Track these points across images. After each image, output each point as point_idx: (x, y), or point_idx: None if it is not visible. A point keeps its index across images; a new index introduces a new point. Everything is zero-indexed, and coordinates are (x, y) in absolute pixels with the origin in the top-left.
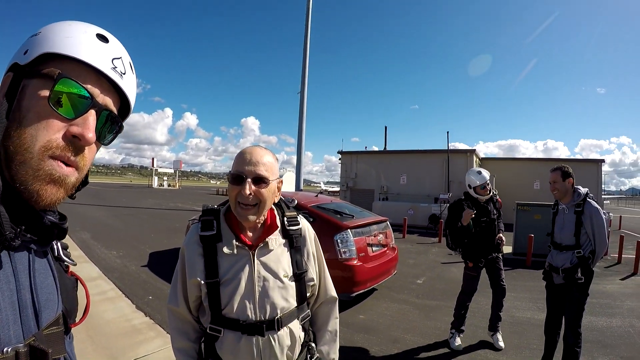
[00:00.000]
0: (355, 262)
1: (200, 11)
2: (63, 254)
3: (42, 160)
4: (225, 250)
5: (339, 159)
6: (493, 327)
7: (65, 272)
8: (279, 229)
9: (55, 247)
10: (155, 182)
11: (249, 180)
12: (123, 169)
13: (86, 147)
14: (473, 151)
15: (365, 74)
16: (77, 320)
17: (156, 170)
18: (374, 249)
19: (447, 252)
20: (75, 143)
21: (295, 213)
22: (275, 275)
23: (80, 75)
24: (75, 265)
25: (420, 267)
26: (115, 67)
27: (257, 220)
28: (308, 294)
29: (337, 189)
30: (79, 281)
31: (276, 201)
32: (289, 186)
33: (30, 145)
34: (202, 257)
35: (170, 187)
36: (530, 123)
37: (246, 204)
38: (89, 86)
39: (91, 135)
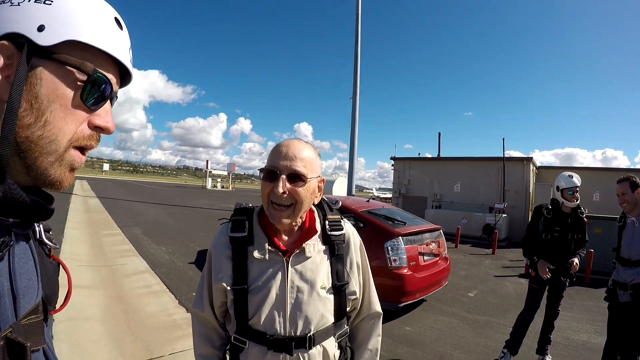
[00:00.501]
0: (405, 271)
1: (253, 18)
2: (45, 236)
3: (68, 150)
4: (256, 254)
5: (392, 165)
6: (541, 351)
7: (47, 255)
8: (318, 233)
9: (37, 229)
10: (209, 184)
11: (284, 176)
12: (178, 170)
13: None
14: (530, 159)
15: (418, 79)
16: (57, 306)
17: (210, 172)
18: (426, 258)
19: (502, 265)
20: (97, 133)
21: (339, 216)
22: (312, 286)
23: (102, 65)
24: (57, 248)
25: (472, 279)
26: (131, 59)
27: (293, 223)
28: (348, 309)
29: (389, 195)
30: (60, 265)
31: (316, 202)
32: (341, 192)
33: (57, 137)
34: (230, 261)
35: (223, 189)
36: (587, 131)
37: (279, 203)
38: (110, 76)
39: (112, 125)
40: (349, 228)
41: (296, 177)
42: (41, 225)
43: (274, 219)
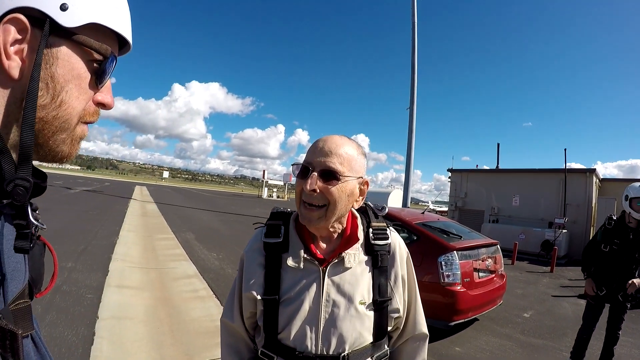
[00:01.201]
0: (458, 287)
1: (312, 35)
2: (32, 215)
3: (78, 126)
4: (290, 262)
5: (449, 178)
6: None
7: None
8: (360, 242)
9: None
10: (265, 193)
11: (315, 173)
12: (236, 179)
13: None
14: (593, 171)
15: (476, 90)
16: (42, 289)
17: (266, 181)
18: (481, 274)
19: (560, 284)
20: (99, 109)
21: (385, 224)
22: (350, 301)
23: (108, 41)
24: (45, 228)
25: (529, 298)
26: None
27: (331, 229)
28: (390, 328)
29: (445, 208)
30: (47, 246)
31: (356, 206)
32: (396, 204)
33: (71, 116)
34: (262, 268)
35: (279, 198)
36: None
37: (310, 203)
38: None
39: (113, 101)
40: (395, 238)
41: (330, 175)
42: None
43: (303, 219)
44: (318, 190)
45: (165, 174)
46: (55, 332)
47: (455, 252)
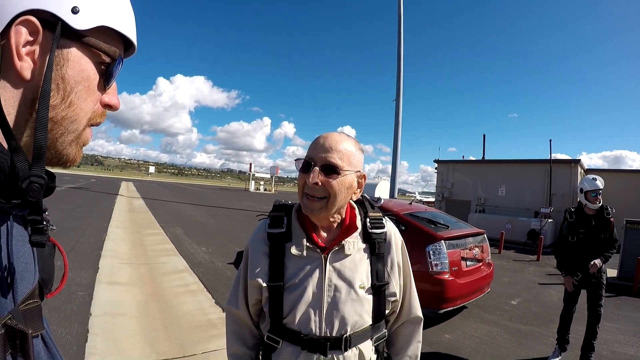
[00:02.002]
0: (446, 276)
1: (296, 25)
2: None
3: (85, 129)
4: (294, 250)
5: (435, 169)
6: (585, 358)
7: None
8: (358, 231)
9: None
10: (252, 186)
11: (317, 168)
12: (222, 173)
13: None
14: (578, 161)
15: (462, 80)
16: (53, 289)
17: (253, 175)
18: (468, 263)
19: (546, 272)
20: (106, 110)
21: (381, 214)
22: (350, 285)
23: (114, 43)
24: (54, 229)
25: (516, 286)
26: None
27: (331, 219)
28: (387, 311)
29: (432, 199)
30: (56, 247)
31: (354, 198)
32: (383, 195)
33: (79, 117)
34: (267, 257)
35: (266, 192)
36: (637, 132)
37: (312, 195)
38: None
39: (119, 102)
40: (391, 227)
41: (330, 169)
42: None
43: (306, 208)
44: (320, 184)
45: (152, 169)
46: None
47: (442, 241)
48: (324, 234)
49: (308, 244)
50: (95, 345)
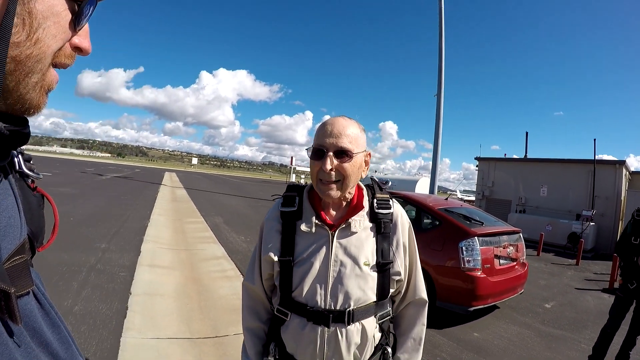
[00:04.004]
0: (478, 273)
1: (339, 18)
2: (26, 166)
3: (49, 69)
4: (304, 227)
5: (476, 166)
6: None
7: (30, 188)
8: (365, 210)
9: (16, 159)
10: (293, 179)
11: (330, 154)
12: (264, 166)
13: None
14: (623, 163)
15: (507, 77)
16: (45, 242)
17: (294, 168)
18: (502, 261)
19: (585, 277)
20: (75, 54)
21: (388, 196)
22: (355, 261)
23: None
24: (40, 178)
25: (552, 290)
26: None
27: (342, 198)
28: (392, 290)
29: (472, 198)
30: (45, 197)
31: (364, 176)
32: (424, 191)
33: (46, 55)
34: (279, 234)
35: (307, 184)
36: None
37: (328, 180)
38: None
39: (90, 46)
40: (397, 208)
41: (343, 154)
42: (20, 156)
43: (322, 193)
44: (335, 169)
45: (194, 161)
46: (90, 306)
47: (476, 237)
48: (333, 213)
49: (317, 222)
50: (133, 321)
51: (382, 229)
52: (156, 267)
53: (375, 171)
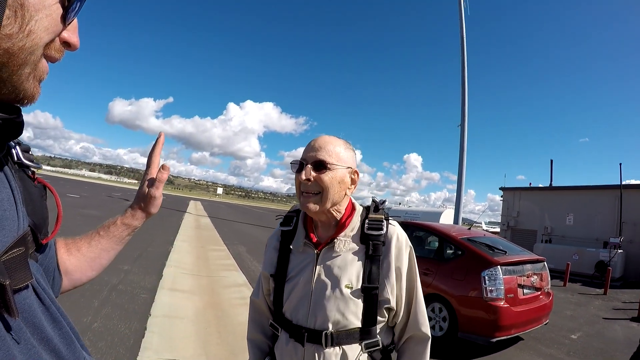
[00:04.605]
0: (501, 303)
1: (363, 52)
2: (25, 157)
3: (41, 60)
4: (294, 246)
5: (501, 196)
6: None
7: (31, 179)
8: (352, 230)
9: (13, 150)
10: None
11: (309, 165)
12: (288, 197)
13: None
14: None
15: (531, 105)
16: (49, 233)
17: None
18: (526, 291)
19: (613, 307)
20: (63, 48)
21: (382, 216)
22: (335, 284)
23: None
24: (40, 168)
25: (578, 320)
26: None
27: (328, 215)
28: (383, 319)
29: (498, 229)
30: (47, 188)
31: (349, 194)
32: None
33: (38, 46)
34: (276, 252)
35: None
36: None
37: (307, 191)
38: None
39: (78, 41)
40: (393, 230)
41: (320, 165)
42: (17, 146)
43: (302, 205)
44: (312, 179)
45: (219, 190)
46: (109, 324)
47: (499, 267)
48: (321, 232)
49: (306, 240)
50: (151, 341)
51: (372, 251)
52: (177, 291)
53: (400, 203)
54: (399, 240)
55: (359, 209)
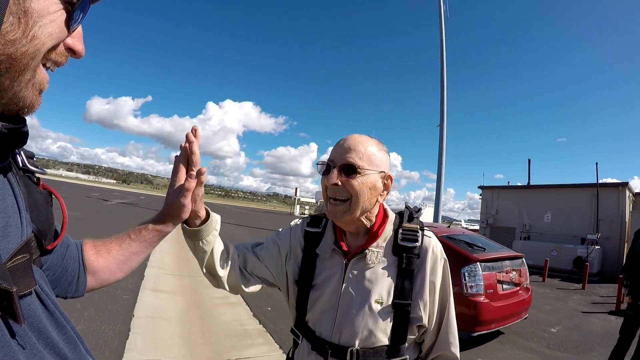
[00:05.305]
0: (481, 298)
1: (342, 51)
2: (29, 163)
3: (39, 67)
4: (321, 251)
5: (480, 195)
6: None
7: (36, 184)
8: (385, 241)
9: (18, 157)
10: (297, 210)
11: (336, 168)
12: (268, 197)
13: None
14: (626, 185)
15: (508, 106)
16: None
17: (299, 199)
18: (505, 287)
19: (591, 301)
20: (68, 54)
21: (417, 226)
22: (365, 298)
23: None
24: (45, 174)
25: (557, 314)
26: None
27: (358, 222)
28: (412, 337)
29: (477, 227)
30: (52, 194)
31: (381, 200)
32: (427, 221)
33: (39, 53)
34: (301, 252)
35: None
36: None
37: (335, 197)
38: None
39: (83, 49)
40: (429, 242)
41: (350, 169)
42: (22, 152)
43: (329, 213)
44: (339, 184)
45: None
46: (93, 326)
47: (478, 263)
48: (352, 240)
49: (334, 247)
50: (135, 342)
51: (405, 264)
52: (159, 291)
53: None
54: (434, 253)
55: (392, 217)
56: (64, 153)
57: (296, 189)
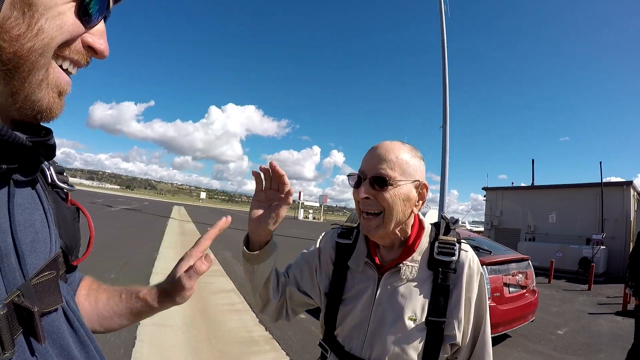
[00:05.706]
0: (488, 302)
1: (344, 57)
2: (58, 179)
3: (51, 65)
4: (353, 264)
5: (484, 196)
6: None
7: (64, 200)
8: (420, 255)
9: (47, 172)
10: (301, 215)
11: (366, 180)
12: None
13: None
14: (630, 183)
15: (511, 106)
16: (80, 256)
17: (302, 203)
18: (511, 289)
19: (597, 302)
20: (88, 54)
21: (454, 239)
22: (398, 314)
23: None
24: (74, 190)
25: (564, 316)
26: None
27: (392, 235)
28: (445, 355)
29: (481, 229)
30: (80, 210)
31: (416, 211)
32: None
33: (49, 48)
34: (332, 264)
35: (314, 220)
36: None
37: (367, 211)
38: None
39: (107, 48)
40: (465, 256)
41: (381, 181)
42: (52, 168)
43: (363, 228)
44: (370, 198)
45: (203, 195)
46: (99, 335)
47: (484, 266)
48: (385, 253)
49: (367, 260)
50: (141, 350)
51: (440, 279)
52: None
53: None
54: (471, 268)
55: (428, 229)
56: (67, 159)
57: (300, 192)
